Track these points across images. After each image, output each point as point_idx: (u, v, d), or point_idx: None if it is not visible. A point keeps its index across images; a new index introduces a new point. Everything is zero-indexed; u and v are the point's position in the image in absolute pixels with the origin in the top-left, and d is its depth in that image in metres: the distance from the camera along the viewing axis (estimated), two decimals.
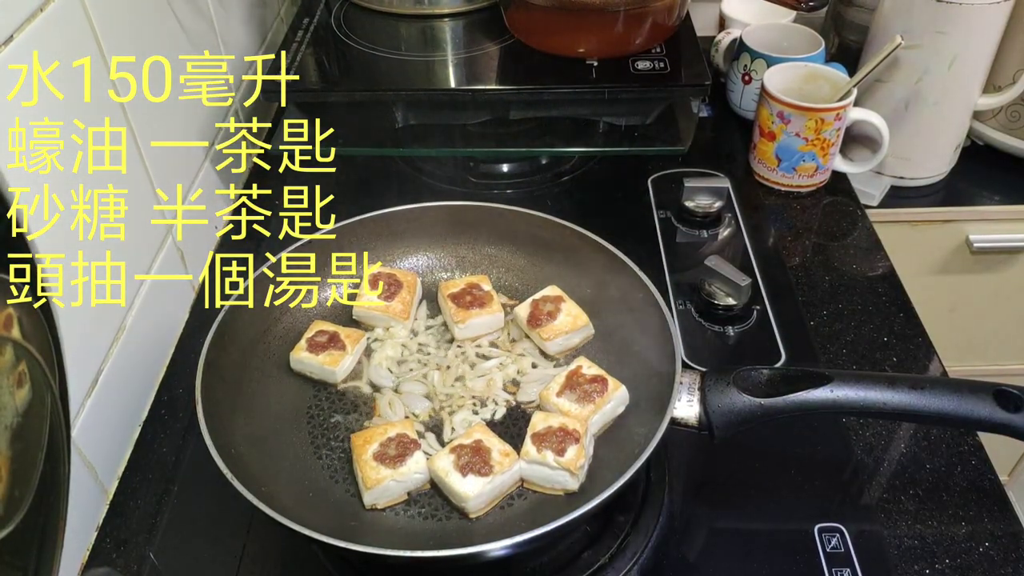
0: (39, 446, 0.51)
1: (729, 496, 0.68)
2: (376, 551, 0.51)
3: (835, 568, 0.61)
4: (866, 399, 0.56)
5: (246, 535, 0.65)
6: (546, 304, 0.72)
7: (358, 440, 0.62)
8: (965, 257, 1.11)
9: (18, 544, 0.48)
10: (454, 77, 1.02)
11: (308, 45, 1.04)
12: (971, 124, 1.08)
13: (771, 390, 0.58)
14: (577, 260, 0.74)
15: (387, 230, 0.78)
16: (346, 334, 0.71)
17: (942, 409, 0.55)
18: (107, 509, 0.68)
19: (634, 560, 0.62)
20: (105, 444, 0.69)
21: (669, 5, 0.96)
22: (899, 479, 0.68)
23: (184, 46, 0.84)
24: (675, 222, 0.94)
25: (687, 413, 0.59)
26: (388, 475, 0.60)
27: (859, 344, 0.80)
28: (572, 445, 0.60)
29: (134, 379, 0.75)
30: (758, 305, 0.83)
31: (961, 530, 0.64)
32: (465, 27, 1.09)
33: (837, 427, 0.72)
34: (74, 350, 0.58)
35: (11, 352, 0.48)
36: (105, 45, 0.66)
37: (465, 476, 0.59)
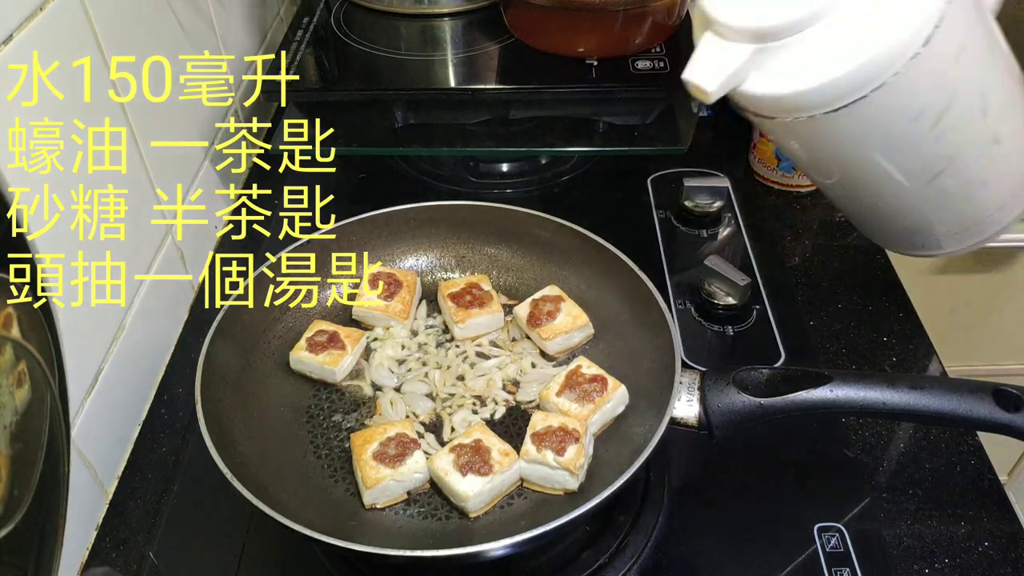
0: (39, 446, 0.51)
1: (729, 496, 0.68)
2: (376, 551, 0.51)
3: (834, 568, 0.61)
4: (866, 399, 0.56)
5: (246, 535, 0.65)
6: (546, 304, 0.72)
7: (358, 440, 0.62)
8: (965, 257, 1.11)
9: (18, 544, 0.48)
10: (454, 77, 1.02)
11: (308, 45, 1.04)
12: None
13: (771, 390, 0.58)
14: (577, 260, 0.75)
15: (387, 230, 0.78)
16: (346, 334, 0.71)
17: (942, 409, 0.55)
18: (106, 509, 0.68)
19: (634, 560, 0.62)
20: (105, 444, 0.69)
21: (669, 5, 0.96)
22: (899, 479, 0.68)
23: (184, 46, 0.84)
24: (675, 222, 0.94)
25: (687, 413, 0.59)
26: (388, 475, 0.60)
27: (859, 344, 0.80)
28: (572, 445, 0.60)
29: (134, 379, 0.75)
30: (758, 305, 0.83)
31: (960, 530, 0.64)
32: (465, 27, 1.09)
33: (837, 427, 0.72)
34: (74, 350, 0.58)
35: (11, 352, 0.48)
36: (105, 45, 0.66)
37: (465, 476, 0.59)
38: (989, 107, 0.56)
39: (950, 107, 0.54)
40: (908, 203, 0.62)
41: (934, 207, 0.62)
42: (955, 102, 0.54)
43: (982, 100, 0.56)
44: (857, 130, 0.55)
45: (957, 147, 0.57)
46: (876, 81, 0.50)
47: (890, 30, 0.49)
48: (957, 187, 0.60)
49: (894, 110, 0.53)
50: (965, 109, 0.55)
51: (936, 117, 0.54)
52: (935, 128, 0.55)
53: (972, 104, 0.55)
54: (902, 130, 0.55)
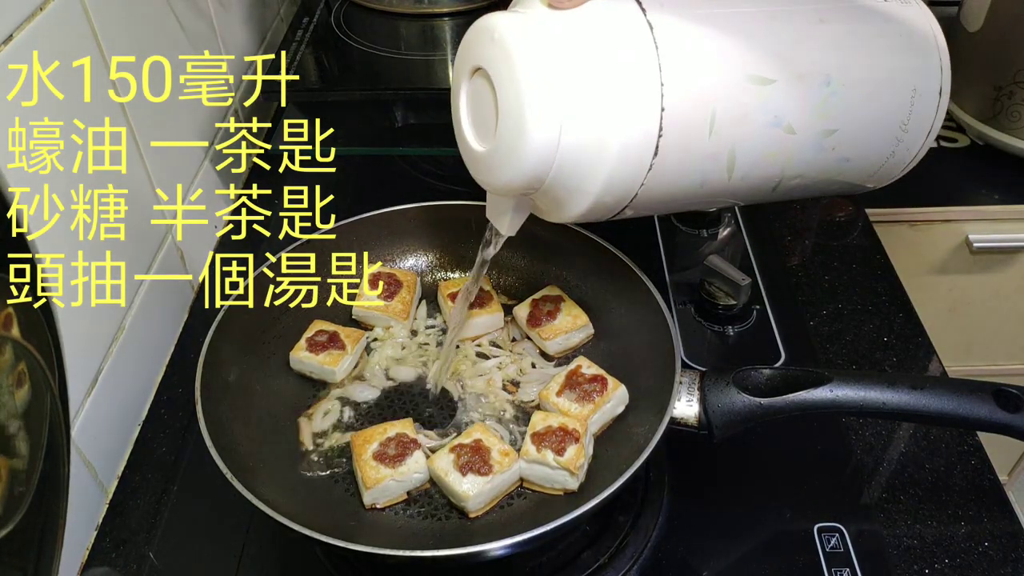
0: (39, 446, 0.51)
1: (728, 496, 0.68)
2: (376, 551, 0.51)
3: (834, 568, 0.61)
4: (866, 399, 0.56)
5: (246, 535, 0.65)
6: (546, 304, 0.72)
7: (358, 440, 0.62)
8: (965, 257, 1.11)
9: (18, 544, 0.48)
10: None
11: (308, 45, 1.04)
12: (971, 123, 1.08)
13: (771, 390, 0.58)
14: (577, 260, 0.75)
15: (387, 230, 0.78)
16: (346, 334, 0.71)
17: (942, 409, 0.55)
18: (107, 509, 0.68)
19: (634, 560, 0.62)
20: (105, 444, 0.69)
21: None
22: (899, 479, 0.68)
23: (184, 46, 0.84)
24: (675, 222, 0.94)
25: (687, 413, 0.59)
26: (388, 474, 0.60)
27: (859, 344, 0.80)
28: (572, 445, 0.60)
29: (134, 379, 0.75)
30: (758, 305, 0.83)
31: (960, 530, 0.64)
32: (465, 27, 1.08)
33: (837, 427, 0.72)
34: (74, 350, 0.58)
35: (11, 352, 0.48)
36: (105, 45, 0.66)
37: (465, 476, 0.59)
38: (794, 121, 0.54)
39: (735, 157, 0.53)
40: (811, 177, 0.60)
41: (831, 178, 0.61)
42: (738, 152, 0.53)
43: (776, 123, 0.53)
44: (682, 194, 0.54)
45: (781, 167, 0.56)
46: (632, 191, 0.51)
47: (613, 166, 0.49)
48: (818, 175, 0.58)
49: (681, 185, 0.53)
50: (757, 145, 0.54)
51: (727, 169, 0.53)
52: (733, 173, 0.54)
53: (764, 136, 0.54)
54: (712, 185, 0.54)
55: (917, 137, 0.60)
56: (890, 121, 0.58)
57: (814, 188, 0.61)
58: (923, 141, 0.60)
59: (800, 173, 0.57)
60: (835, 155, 0.57)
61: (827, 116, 0.55)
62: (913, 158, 0.62)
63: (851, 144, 0.57)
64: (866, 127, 0.58)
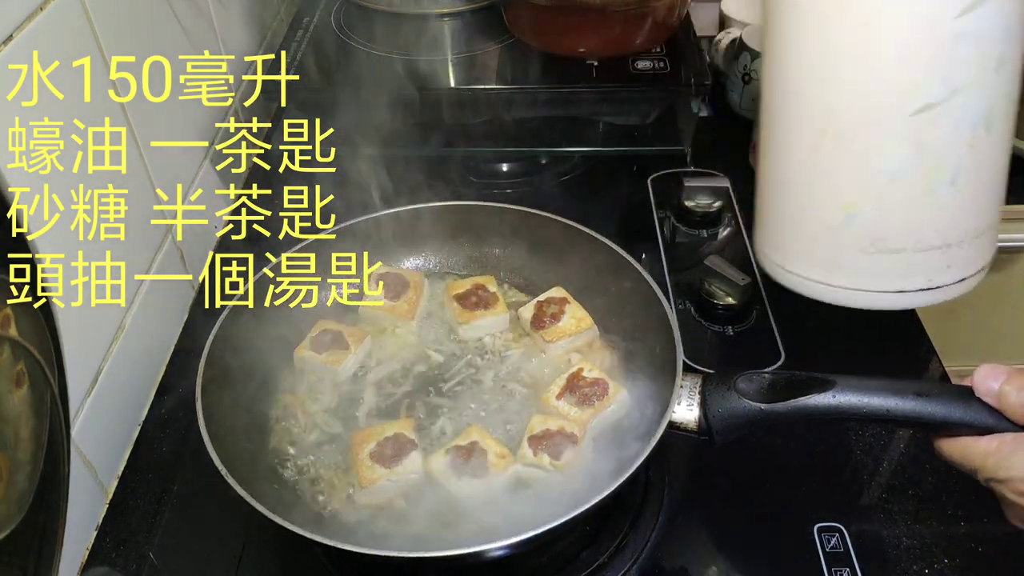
0: (39, 446, 0.51)
1: (728, 496, 0.68)
2: (376, 552, 0.51)
3: (834, 568, 0.61)
4: (869, 406, 0.55)
5: (245, 535, 0.65)
6: (550, 306, 0.72)
7: (357, 439, 0.62)
8: None
9: (18, 544, 0.48)
10: (454, 77, 1.02)
11: (308, 45, 1.04)
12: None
13: (773, 395, 0.57)
14: (579, 260, 0.74)
15: (387, 230, 0.78)
16: (350, 333, 0.71)
17: (948, 417, 0.54)
18: (107, 509, 0.68)
19: (633, 560, 0.62)
20: (105, 444, 0.69)
21: (669, 5, 0.96)
22: (899, 479, 0.68)
23: (184, 46, 0.84)
24: (675, 222, 0.94)
25: (687, 417, 0.59)
26: (383, 474, 0.60)
27: (859, 344, 0.80)
28: (569, 448, 0.60)
29: (134, 379, 0.75)
30: (758, 305, 0.83)
31: (960, 530, 0.64)
32: (465, 27, 1.09)
33: (837, 427, 0.72)
34: (74, 350, 0.58)
35: (10, 351, 0.48)
36: (105, 45, 0.66)
37: (460, 477, 0.59)
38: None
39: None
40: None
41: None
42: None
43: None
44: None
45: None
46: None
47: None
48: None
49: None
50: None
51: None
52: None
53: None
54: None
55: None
56: None
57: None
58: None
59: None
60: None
61: None
62: None
63: None
64: None
